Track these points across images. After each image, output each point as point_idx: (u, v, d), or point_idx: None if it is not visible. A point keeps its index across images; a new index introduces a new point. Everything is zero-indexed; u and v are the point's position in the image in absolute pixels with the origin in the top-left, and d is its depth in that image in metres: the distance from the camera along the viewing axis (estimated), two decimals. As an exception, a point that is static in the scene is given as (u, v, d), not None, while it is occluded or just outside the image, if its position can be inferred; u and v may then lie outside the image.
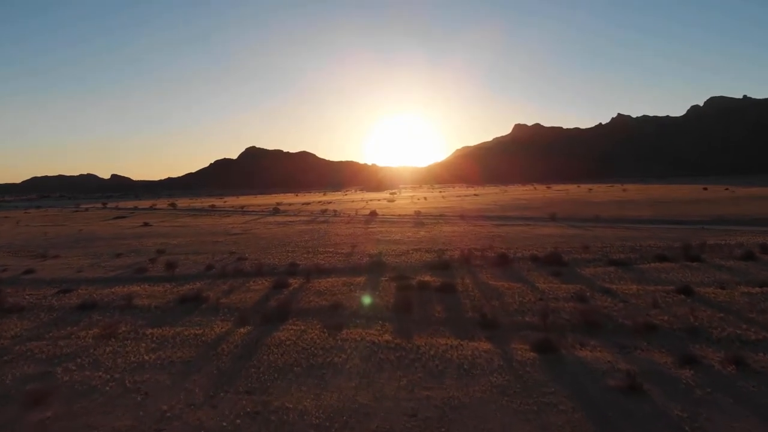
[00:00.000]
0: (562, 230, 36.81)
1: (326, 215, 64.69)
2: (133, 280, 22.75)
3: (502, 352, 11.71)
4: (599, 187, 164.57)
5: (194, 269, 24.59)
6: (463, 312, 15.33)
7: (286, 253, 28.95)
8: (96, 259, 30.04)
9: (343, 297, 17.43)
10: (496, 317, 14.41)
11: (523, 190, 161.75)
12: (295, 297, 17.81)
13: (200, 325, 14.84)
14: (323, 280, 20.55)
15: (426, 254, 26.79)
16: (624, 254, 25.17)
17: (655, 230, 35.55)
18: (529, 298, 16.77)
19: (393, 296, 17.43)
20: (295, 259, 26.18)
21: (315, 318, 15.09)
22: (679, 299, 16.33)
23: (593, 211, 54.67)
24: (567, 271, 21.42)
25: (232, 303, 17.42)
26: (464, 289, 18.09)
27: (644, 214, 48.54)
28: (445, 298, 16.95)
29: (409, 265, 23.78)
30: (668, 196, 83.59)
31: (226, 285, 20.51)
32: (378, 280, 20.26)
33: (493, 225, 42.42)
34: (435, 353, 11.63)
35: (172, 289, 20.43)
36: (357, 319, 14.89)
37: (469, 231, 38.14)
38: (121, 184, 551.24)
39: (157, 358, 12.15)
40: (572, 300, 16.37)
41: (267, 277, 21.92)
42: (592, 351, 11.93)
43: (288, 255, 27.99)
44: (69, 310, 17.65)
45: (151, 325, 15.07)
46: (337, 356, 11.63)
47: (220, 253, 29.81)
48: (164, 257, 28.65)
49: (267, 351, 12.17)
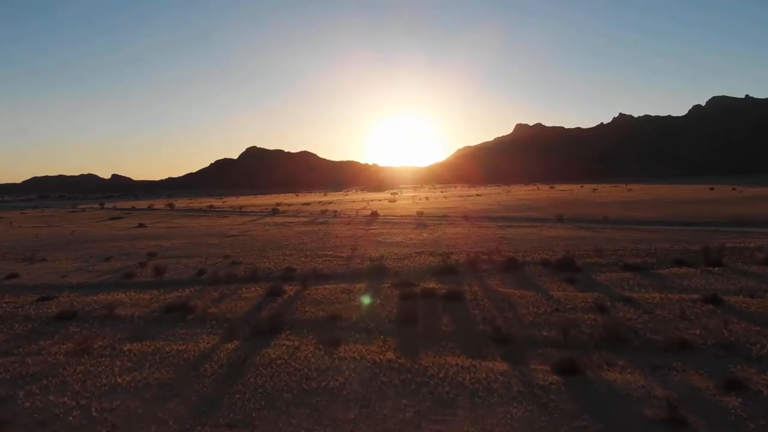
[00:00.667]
0: (571, 232, 35.45)
1: (326, 216, 63.42)
2: (119, 286, 21.43)
3: (520, 375, 10.35)
4: (603, 187, 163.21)
5: (185, 274, 23.25)
6: (474, 324, 13.96)
7: (283, 256, 27.62)
8: (84, 262, 28.73)
9: (341, 307, 16.08)
10: (511, 331, 13.05)
11: (525, 190, 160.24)
12: (289, 306, 16.46)
13: (184, 339, 13.50)
14: (321, 287, 19.20)
15: (430, 258, 25.44)
16: (640, 258, 23.83)
17: (667, 232, 34.19)
18: (544, 308, 15.40)
19: (395, 305, 16.08)
20: (292, 264, 24.86)
21: (310, 331, 13.74)
22: (707, 310, 14.97)
23: (601, 211, 53.31)
24: (581, 277, 20.06)
25: (221, 313, 16.08)
26: (473, 298, 16.72)
27: (653, 215, 47.20)
28: (453, 308, 15.59)
29: (413, 269, 22.44)
30: (675, 197, 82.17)
31: (217, 292, 19.18)
32: (379, 287, 18.91)
33: (498, 226, 41.07)
34: (445, 376, 10.27)
35: (159, 296, 19.10)
36: (356, 332, 13.55)
37: (474, 233, 36.79)
38: (121, 184, 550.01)
39: (132, 380, 10.79)
40: (592, 311, 15.01)
41: (261, 283, 20.59)
42: (622, 373, 10.57)
43: (285, 259, 26.66)
44: (46, 320, 16.32)
45: (130, 339, 13.73)
46: (333, 379, 10.27)
47: (213, 257, 28.48)
48: (155, 261, 27.33)
49: (255, 372, 10.82)
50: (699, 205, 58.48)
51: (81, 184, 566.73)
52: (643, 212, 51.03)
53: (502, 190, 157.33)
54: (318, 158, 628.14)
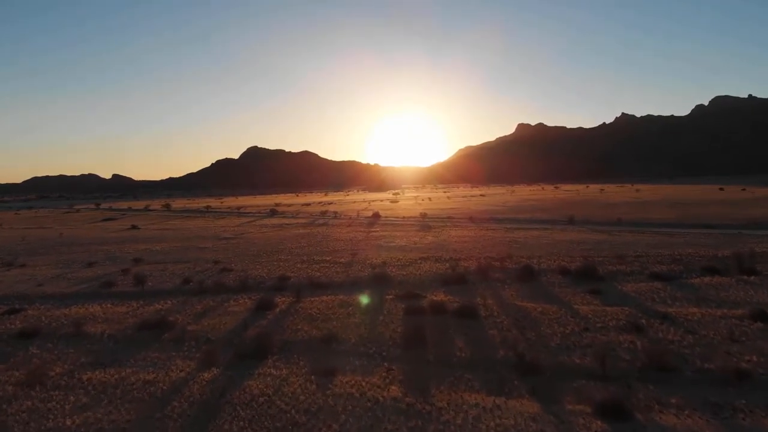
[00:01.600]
0: (585, 235, 33.44)
1: (326, 217, 61.41)
2: (96, 297, 19.53)
3: (556, 420, 8.39)
4: (609, 187, 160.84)
5: (169, 283, 21.31)
6: (493, 348, 12.01)
7: (278, 262, 25.68)
8: (65, 268, 26.83)
9: (338, 324, 14.13)
10: (537, 357, 11.10)
11: (530, 190, 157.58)
12: (280, 323, 14.52)
13: (155, 366, 11.57)
14: (317, 299, 17.26)
15: (437, 264, 23.47)
16: (665, 266, 21.85)
17: (687, 236, 32.18)
18: (571, 327, 13.44)
19: (400, 322, 14.13)
20: (287, 271, 22.91)
21: (302, 355, 11.81)
22: (758, 329, 13.02)
23: (612, 213, 51.28)
24: (606, 287, 18.09)
25: (202, 331, 14.14)
26: (489, 314, 14.76)
27: (668, 217, 45.16)
28: (467, 327, 13.63)
29: (418, 278, 20.49)
30: (686, 197, 80.00)
31: (201, 305, 17.25)
32: (382, 299, 16.96)
33: (507, 229, 39.06)
34: (463, 423, 8.31)
35: (136, 309, 17.18)
36: (355, 358, 11.61)
37: (481, 236, 34.80)
38: (122, 184, 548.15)
39: (83, 422, 8.86)
40: (627, 330, 13.05)
41: (251, 293, 18.67)
42: (679, 416, 8.61)
43: (279, 265, 24.72)
44: (6, 339, 14.42)
45: (93, 365, 11.81)
46: (326, 426, 8.32)
47: (203, 262, 26.55)
48: (139, 267, 25.43)
49: (232, 414, 8.88)
50: (713, 207, 56.40)
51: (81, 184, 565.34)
52: (657, 214, 48.97)
53: (506, 191, 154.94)
54: (319, 158, 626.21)
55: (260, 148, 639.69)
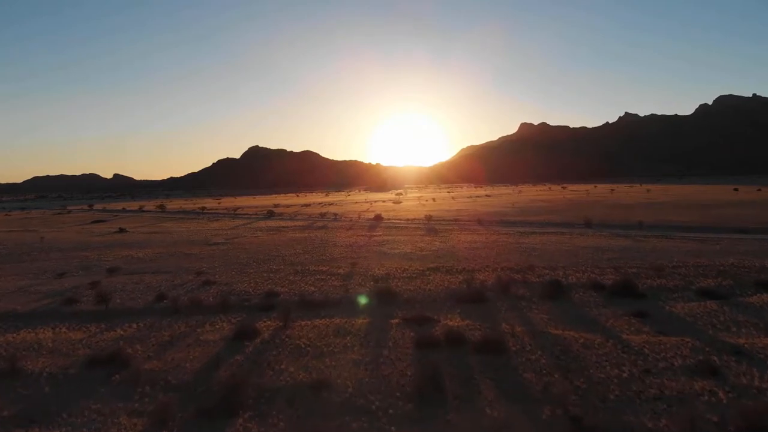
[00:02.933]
0: (608, 241, 30.54)
1: (325, 219, 58.50)
2: (52, 318, 16.74)
3: None
4: (619, 187, 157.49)
5: (140, 300, 18.50)
6: (534, 403, 9.14)
7: (268, 273, 22.83)
8: (33, 279, 24.06)
9: (332, 362, 11.29)
10: (596, 419, 8.25)
11: (537, 190, 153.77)
12: (260, 359, 11.69)
13: (91, 427, 8.77)
14: (308, 323, 14.42)
15: (448, 277, 20.61)
16: (712, 279, 19.01)
17: (721, 241, 29.32)
18: (627, 368, 10.58)
19: (410, 361, 11.29)
20: (277, 284, 20.09)
21: (282, 413, 8.99)
22: None
23: (629, 215, 48.37)
24: (652, 308, 15.24)
25: (163, 370, 11.32)
26: (520, 347, 11.91)
27: (691, 220, 42.24)
28: (495, 368, 10.78)
29: (428, 294, 17.66)
30: (701, 198, 76.88)
31: (170, 331, 14.44)
32: (386, 325, 14.12)
33: (520, 233, 36.17)
34: None
35: (92, 336, 14.37)
36: (352, 417, 8.78)
37: (494, 241, 31.91)
38: (123, 184, 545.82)
39: None
40: (699, 373, 10.19)
41: (232, 314, 15.87)
42: None
43: (269, 277, 21.88)
44: None
45: (16, 422, 9.09)
46: None
47: (185, 273, 23.73)
48: (113, 279, 22.66)
49: None
50: (734, 209, 53.44)
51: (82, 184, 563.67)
52: (678, 216, 46.00)
53: (512, 191, 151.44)
54: (321, 158, 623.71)
55: (261, 148, 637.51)
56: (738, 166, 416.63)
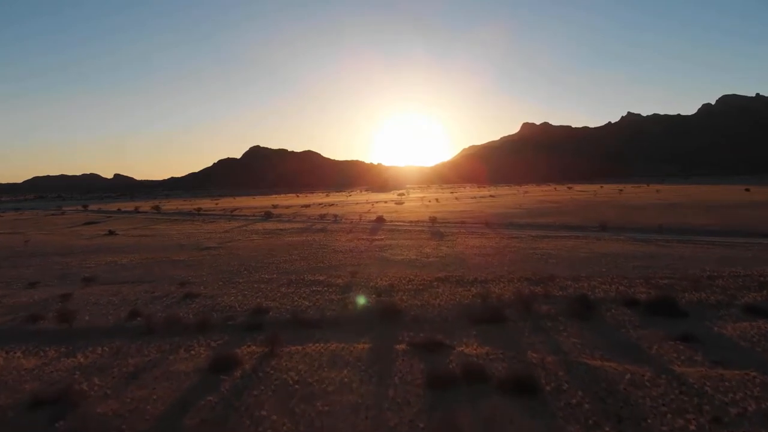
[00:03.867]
0: (630, 246, 28.34)
1: (325, 221, 56.26)
2: (8, 338, 14.63)
3: None
4: (626, 187, 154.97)
5: (111, 317, 16.36)
6: (586, 475, 7.01)
7: (259, 284, 20.69)
8: (3, 289, 21.95)
9: (326, 407, 9.15)
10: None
11: (542, 190, 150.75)
12: (237, 404, 9.55)
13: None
14: (299, 349, 12.29)
15: (459, 289, 18.45)
16: (756, 293, 16.87)
17: (752, 248, 27.16)
18: (692, 415, 8.46)
19: (421, 406, 9.14)
20: (267, 298, 17.95)
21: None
22: None
23: (644, 217, 46.16)
24: (696, 329, 13.10)
25: (117, 415, 9.21)
26: (554, 386, 9.75)
27: (710, 222, 40.01)
28: (529, 415, 8.64)
29: (438, 312, 15.52)
30: (714, 199, 74.41)
31: (138, 358, 12.33)
32: (390, 352, 11.99)
33: (532, 237, 33.96)
34: None
35: (47, 364, 12.25)
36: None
37: (505, 246, 29.71)
38: (123, 184, 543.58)
39: None
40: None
41: (212, 336, 13.75)
42: None
43: (259, 288, 19.74)
44: None
45: None
46: None
47: (168, 283, 21.59)
48: (87, 290, 20.56)
49: None
50: (751, 210, 51.19)
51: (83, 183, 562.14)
52: (696, 218, 43.75)
53: (517, 191, 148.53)
54: (322, 158, 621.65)
55: (262, 148, 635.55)
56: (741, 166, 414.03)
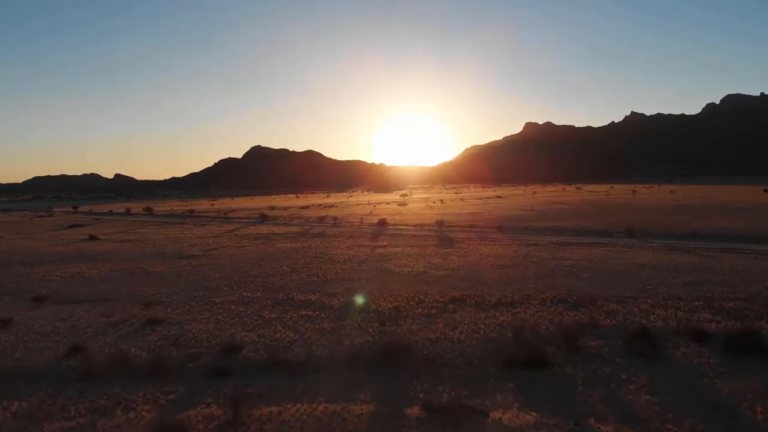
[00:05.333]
0: (667, 256, 24.91)
1: (323, 224, 52.65)
2: None
3: None
4: (636, 187, 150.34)
5: (46, 354, 13.00)
6: None
7: (238, 305, 17.33)
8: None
9: None
10: None
11: (550, 191, 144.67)
12: None
13: None
14: (274, 413, 8.95)
15: (481, 314, 15.05)
16: None
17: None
18: None
19: None
20: (244, 326, 14.60)
21: None
22: None
23: (665, 220, 42.69)
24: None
25: None
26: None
27: (743, 227, 36.48)
28: None
29: (459, 349, 12.15)
30: (734, 200, 70.55)
31: (58, 422, 9.02)
32: (399, 418, 8.65)
33: (554, 245, 30.44)
34: None
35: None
36: None
37: (525, 255, 26.27)
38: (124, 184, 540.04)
39: None
40: None
41: (163, 387, 10.43)
42: None
43: (237, 313, 16.36)
44: None
45: None
46: None
47: (132, 303, 18.24)
48: (33, 313, 17.24)
49: None
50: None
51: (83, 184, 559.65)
52: (726, 222, 40.16)
53: (524, 192, 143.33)
54: (324, 157, 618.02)
55: (263, 148, 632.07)
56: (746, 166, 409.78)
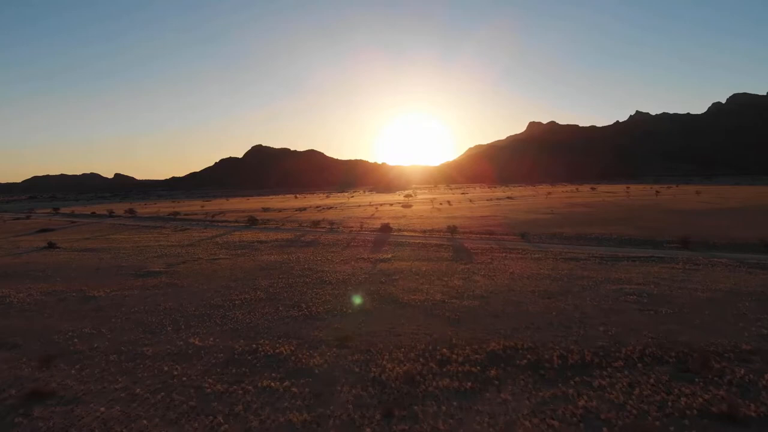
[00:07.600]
0: (752, 278, 19.19)
1: (318, 230, 46.37)
2: None
3: None
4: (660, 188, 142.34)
5: None
6: None
7: (173, 365, 11.70)
8: None
9: None
10: None
11: (564, 191, 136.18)
12: None
13: None
14: None
15: (545, 391, 9.42)
16: None
17: None
18: None
19: None
20: (163, 421, 9.04)
21: None
22: None
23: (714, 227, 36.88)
24: None
25: None
26: None
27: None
28: None
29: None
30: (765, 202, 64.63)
31: None
32: None
33: (597, 260, 24.56)
34: None
35: None
36: None
37: (568, 275, 20.49)
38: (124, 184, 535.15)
39: None
40: None
41: None
42: None
43: (172, 375, 10.77)
44: None
45: None
46: None
47: (30, 356, 12.70)
48: None
49: None
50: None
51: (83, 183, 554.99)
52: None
53: (536, 192, 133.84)
54: (325, 157, 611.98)
55: (265, 147, 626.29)
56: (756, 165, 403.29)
